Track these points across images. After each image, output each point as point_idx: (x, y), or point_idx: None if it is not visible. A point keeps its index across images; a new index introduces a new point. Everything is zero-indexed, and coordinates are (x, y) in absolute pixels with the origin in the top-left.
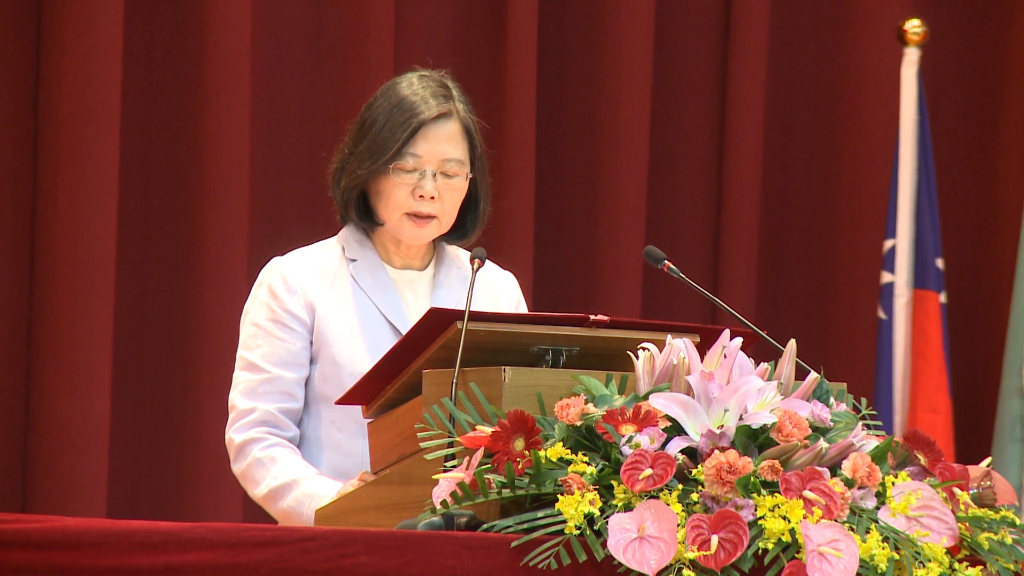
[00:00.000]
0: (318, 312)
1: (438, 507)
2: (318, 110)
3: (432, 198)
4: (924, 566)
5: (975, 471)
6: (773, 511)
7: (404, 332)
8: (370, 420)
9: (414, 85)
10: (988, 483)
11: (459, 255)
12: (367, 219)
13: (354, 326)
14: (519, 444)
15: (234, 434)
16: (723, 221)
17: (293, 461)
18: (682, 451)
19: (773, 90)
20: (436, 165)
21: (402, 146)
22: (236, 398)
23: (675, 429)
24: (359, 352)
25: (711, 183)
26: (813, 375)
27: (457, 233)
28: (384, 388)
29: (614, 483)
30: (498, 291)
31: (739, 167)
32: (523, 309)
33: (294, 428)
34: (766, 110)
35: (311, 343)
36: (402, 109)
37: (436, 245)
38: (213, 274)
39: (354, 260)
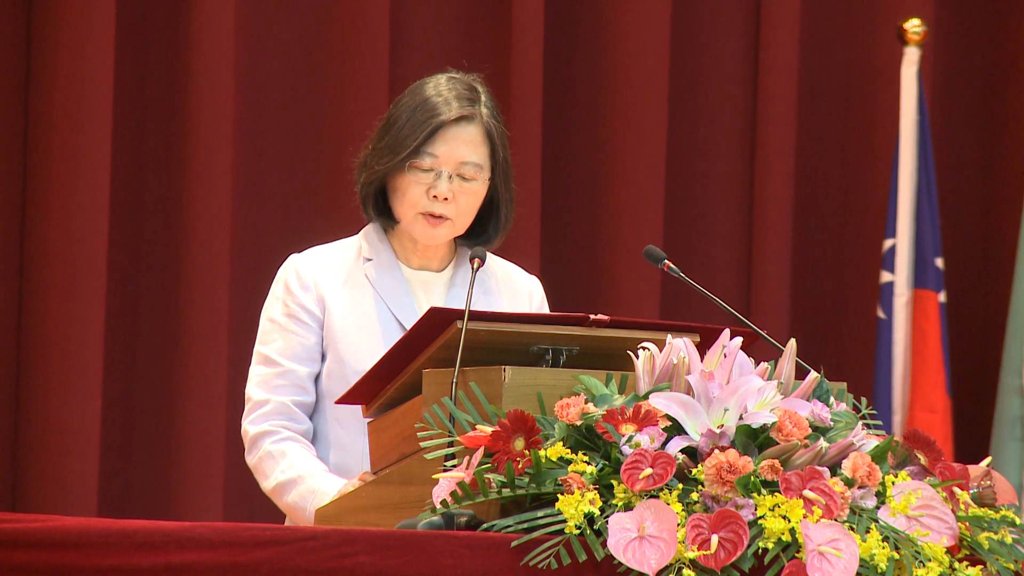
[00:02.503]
0: (329, 308)
1: (438, 507)
2: (311, 111)
3: (446, 199)
4: (924, 566)
5: (975, 471)
6: (773, 511)
7: None
8: (370, 420)
9: (441, 86)
10: (988, 482)
11: (486, 256)
12: (385, 216)
13: (363, 324)
14: (519, 444)
15: (249, 425)
16: (756, 220)
17: (302, 456)
18: (682, 451)
19: (802, 87)
20: (453, 167)
21: (420, 145)
22: (252, 390)
23: (675, 429)
24: (366, 350)
25: (743, 180)
26: (813, 375)
27: (479, 238)
28: (384, 388)
29: (614, 483)
30: (519, 293)
31: (771, 163)
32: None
33: (308, 421)
34: (799, 105)
35: (323, 338)
36: (424, 109)
37: (457, 247)
38: (202, 275)
39: (370, 259)
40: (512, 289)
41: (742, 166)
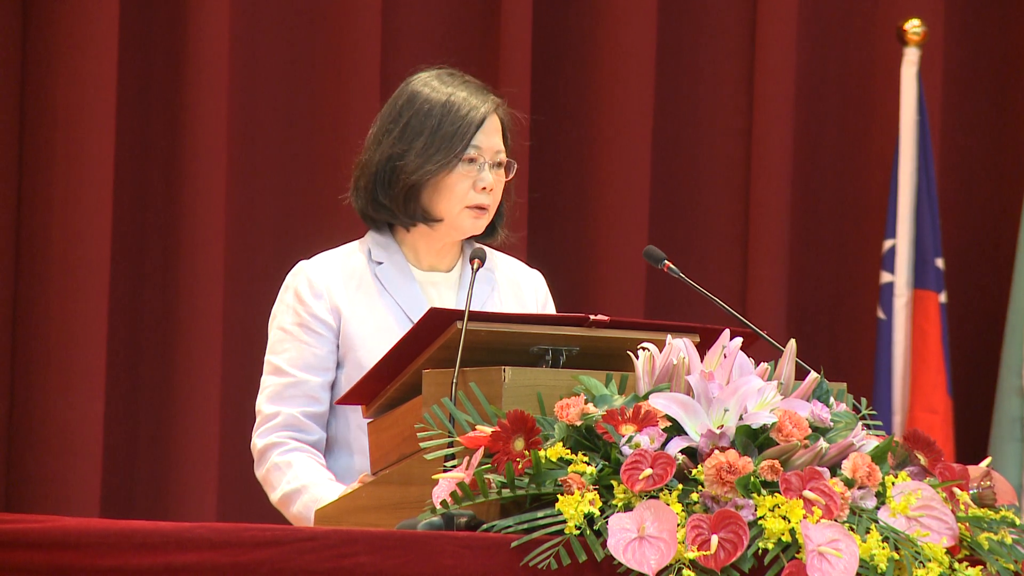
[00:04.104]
0: (344, 316)
1: (438, 507)
2: (298, 112)
3: (491, 190)
4: (924, 566)
5: (975, 471)
6: (773, 511)
7: None
8: (370, 420)
9: (449, 84)
10: (988, 483)
11: (488, 255)
12: (414, 218)
13: (380, 329)
14: (519, 444)
15: (258, 439)
16: (752, 220)
17: (307, 466)
18: (682, 451)
19: (800, 88)
20: (491, 156)
21: (471, 139)
22: (262, 403)
23: (675, 429)
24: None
25: (738, 181)
26: (813, 375)
27: (486, 230)
28: (384, 388)
29: (614, 483)
30: (524, 290)
31: (768, 165)
32: (550, 307)
33: (319, 431)
34: (795, 107)
35: (337, 347)
36: (458, 105)
37: (463, 245)
38: (197, 275)
39: (380, 263)
40: (517, 285)
41: (738, 167)
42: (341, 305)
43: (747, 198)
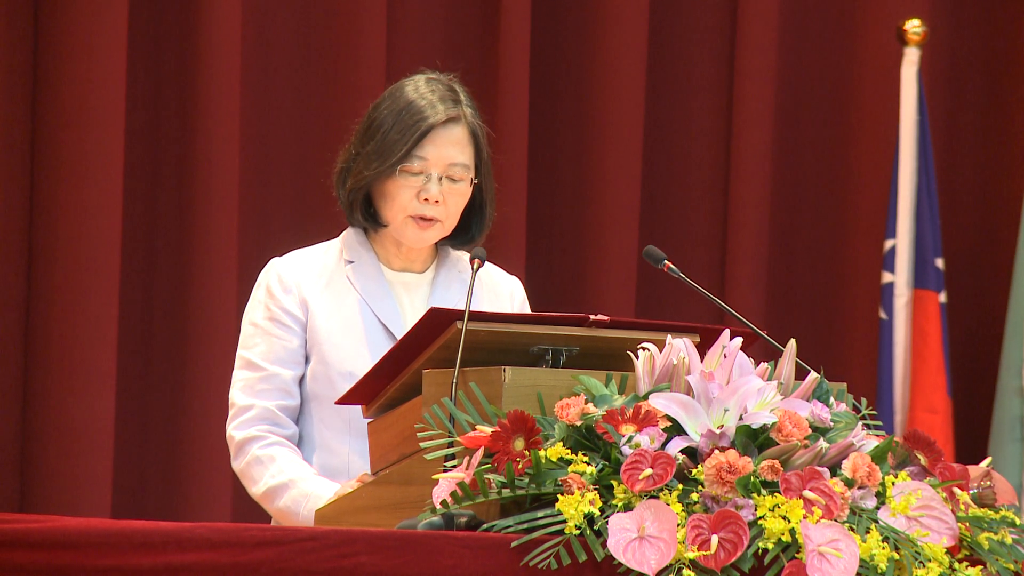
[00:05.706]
0: (311, 310)
1: (438, 507)
2: (308, 112)
3: (436, 202)
4: (924, 566)
5: (975, 471)
6: (773, 511)
7: (397, 334)
8: (370, 420)
9: (421, 88)
10: (988, 483)
11: (461, 259)
12: (371, 220)
13: (346, 326)
14: (519, 444)
15: (234, 431)
16: (730, 220)
17: (291, 461)
18: (682, 451)
19: (781, 88)
20: (442, 169)
21: (410, 149)
22: (235, 395)
23: (675, 429)
24: (349, 352)
25: (718, 181)
26: (813, 375)
27: (463, 237)
28: (384, 388)
29: (614, 483)
30: (500, 295)
31: (747, 165)
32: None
33: (293, 425)
34: (776, 107)
35: (306, 341)
36: (411, 112)
37: (438, 249)
38: (210, 273)
39: (351, 262)
40: (493, 290)
41: (723, 172)
42: (309, 300)
43: (726, 198)
